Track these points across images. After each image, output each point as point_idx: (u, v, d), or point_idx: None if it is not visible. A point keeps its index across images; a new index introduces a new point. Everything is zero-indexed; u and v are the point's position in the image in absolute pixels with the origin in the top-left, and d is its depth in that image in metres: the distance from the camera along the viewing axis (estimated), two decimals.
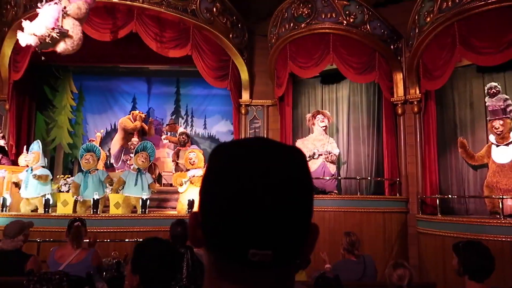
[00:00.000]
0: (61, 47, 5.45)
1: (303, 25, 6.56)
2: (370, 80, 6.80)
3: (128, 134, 8.75)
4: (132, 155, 8.20)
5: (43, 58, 5.51)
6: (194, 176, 6.45)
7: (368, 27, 6.43)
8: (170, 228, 3.57)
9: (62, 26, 5.33)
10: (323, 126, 6.97)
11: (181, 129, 9.24)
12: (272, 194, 0.61)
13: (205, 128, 10.08)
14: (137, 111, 8.88)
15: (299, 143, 7.05)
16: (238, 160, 0.63)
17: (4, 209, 5.91)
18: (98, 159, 6.72)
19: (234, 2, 7.30)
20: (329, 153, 6.77)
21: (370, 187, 7.02)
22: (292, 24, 6.66)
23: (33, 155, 6.18)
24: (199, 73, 7.68)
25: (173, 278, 2.12)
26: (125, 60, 8.69)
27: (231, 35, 7.28)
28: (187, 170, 6.88)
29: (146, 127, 8.88)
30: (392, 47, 6.67)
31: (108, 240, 5.63)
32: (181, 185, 6.51)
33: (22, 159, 6.62)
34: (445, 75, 5.78)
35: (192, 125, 10.09)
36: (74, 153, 9.38)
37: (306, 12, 6.52)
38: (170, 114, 10.06)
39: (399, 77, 6.71)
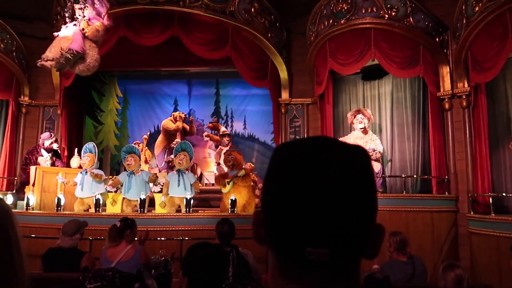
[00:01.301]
0: (77, 68, 5.66)
1: (342, 21, 6.45)
2: (414, 75, 6.57)
3: (170, 136, 8.97)
4: (172, 156, 8.43)
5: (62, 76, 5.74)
6: (236, 176, 6.50)
7: (411, 20, 6.20)
8: (216, 227, 3.62)
9: (82, 48, 5.46)
10: (361, 128, 6.81)
11: (222, 129, 9.36)
12: (330, 192, 0.60)
13: (244, 128, 10.17)
14: (177, 112, 9.09)
15: None
16: (299, 159, 0.63)
17: (59, 208, 6.26)
18: (140, 160, 6.93)
19: (272, 1, 7.30)
20: (373, 151, 6.61)
21: (416, 186, 6.77)
22: (331, 21, 6.56)
23: (88, 158, 6.50)
24: (238, 74, 7.77)
25: (220, 281, 2.19)
26: (166, 63, 8.93)
27: (269, 35, 7.29)
28: (228, 167, 6.96)
29: (188, 127, 9.07)
30: (437, 39, 6.40)
31: (157, 239, 5.80)
32: (224, 185, 6.58)
33: (74, 161, 6.97)
34: (496, 67, 5.47)
35: (232, 126, 10.21)
36: (120, 154, 9.76)
37: (346, 8, 6.40)
38: (210, 115, 10.23)
39: (445, 71, 6.43)
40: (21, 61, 8.18)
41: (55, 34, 5.71)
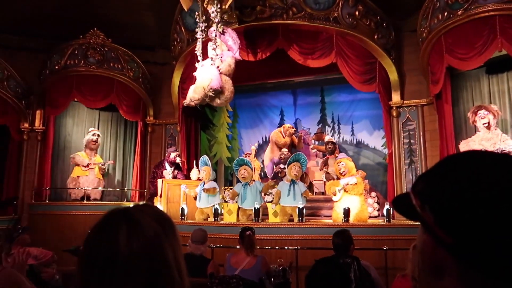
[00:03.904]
0: (216, 102, 6.11)
1: (459, 12, 5.88)
2: None
3: (279, 147, 9.16)
4: (282, 166, 8.56)
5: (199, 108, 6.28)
6: (347, 184, 6.33)
7: None
8: (333, 238, 3.56)
9: (220, 86, 5.95)
10: (485, 123, 6.05)
11: (327, 137, 9.25)
12: None
13: (352, 134, 9.88)
14: (287, 125, 9.23)
15: (463, 145, 6.27)
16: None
17: (183, 217, 6.83)
18: (252, 170, 7.21)
19: (377, 1, 7.02)
20: (509, 152, 5.84)
21: None
22: (446, 13, 6.04)
23: (205, 172, 7.03)
24: (343, 80, 7.61)
25: None
26: (272, 75, 9.18)
27: (376, 36, 7.00)
28: (339, 178, 6.81)
29: (296, 141, 9.16)
30: None
31: (271, 247, 5.93)
32: (334, 194, 6.47)
33: (193, 174, 7.56)
34: None
35: (339, 132, 10.01)
36: (232, 166, 10.30)
37: None
38: (316, 123, 10.18)
39: None
40: (146, 85, 9.23)
41: (194, 74, 6.30)
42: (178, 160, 8.27)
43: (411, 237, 5.56)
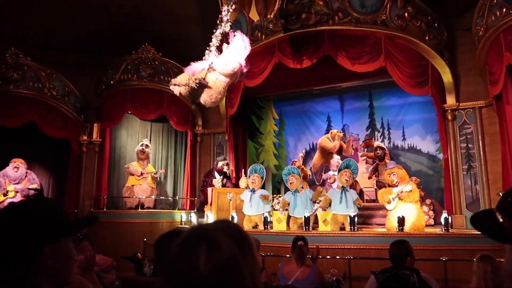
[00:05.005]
0: (202, 98, 5.92)
1: None
2: None
3: (327, 154, 9.04)
4: (331, 173, 8.44)
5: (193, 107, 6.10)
6: (402, 192, 6.11)
7: None
8: (389, 248, 3.42)
9: (203, 79, 5.74)
10: None
11: (376, 143, 8.99)
12: None
13: (404, 139, 9.53)
14: (335, 130, 9.09)
15: None
16: None
17: None
18: (300, 178, 7.16)
19: (427, 1, 6.76)
20: None
21: None
22: (504, 10, 5.69)
23: (257, 179, 7.09)
24: (392, 83, 7.39)
25: None
26: (318, 82, 9.09)
27: (427, 37, 6.74)
28: (390, 185, 6.59)
29: (344, 146, 8.99)
30: None
31: (323, 257, 5.83)
32: (389, 202, 6.25)
33: (242, 182, 7.63)
34: None
35: (389, 138, 9.70)
36: (280, 173, 10.28)
37: None
38: (365, 128, 9.94)
39: None
40: None
41: (191, 63, 6.17)
42: (225, 169, 8.39)
43: (472, 248, 5.26)
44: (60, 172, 9.55)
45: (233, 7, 5.88)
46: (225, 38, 6.32)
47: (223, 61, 6.00)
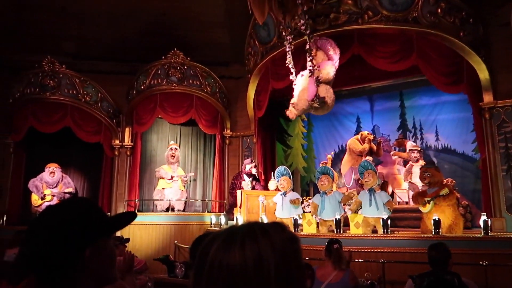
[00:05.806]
0: (318, 111, 6.10)
1: None
2: None
3: (357, 155, 8.87)
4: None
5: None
6: (437, 194, 5.90)
7: None
8: (429, 251, 3.31)
9: (319, 95, 5.90)
10: None
11: (409, 144, 8.75)
12: None
13: (437, 139, 9.23)
14: (365, 132, 8.91)
15: None
16: None
17: None
18: (333, 180, 7.06)
19: None
20: None
21: None
22: None
23: (285, 181, 7.05)
24: (424, 82, 7.19)
25: None
26: (347, 82, 8.94)
27: (461, 33, 6.51)
28: (424, 187, 6.39)
29: (375, 147, 8.80)
30: None
31: (355, 260, 5.71)
32: (423, 204, 6.06)
33: (271, 184, 7.60)
34: None
35: (421, 138, 9.42)
36: (308, 176, 10.19)
37: None
38: (396, 129, 9.69)
39: None
40: (223, 100, 9.57)
41: (294, 84, 6.35)
42: (254, 171, 8.39)
43: None
44: (94, 175, 9.85)
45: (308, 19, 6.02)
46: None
47: (324, 71, 6.17)
